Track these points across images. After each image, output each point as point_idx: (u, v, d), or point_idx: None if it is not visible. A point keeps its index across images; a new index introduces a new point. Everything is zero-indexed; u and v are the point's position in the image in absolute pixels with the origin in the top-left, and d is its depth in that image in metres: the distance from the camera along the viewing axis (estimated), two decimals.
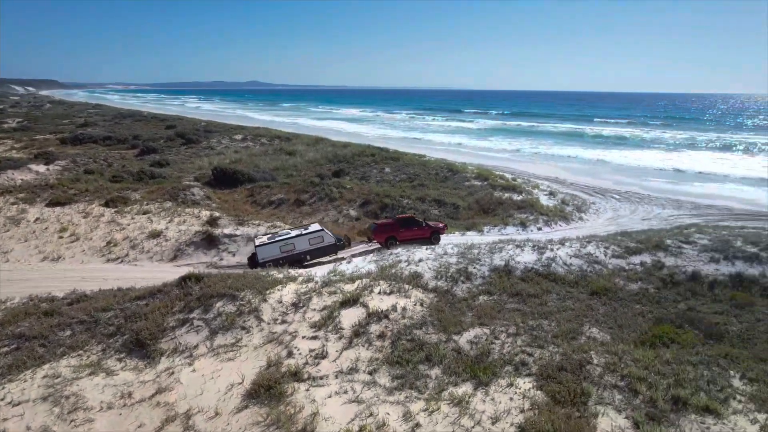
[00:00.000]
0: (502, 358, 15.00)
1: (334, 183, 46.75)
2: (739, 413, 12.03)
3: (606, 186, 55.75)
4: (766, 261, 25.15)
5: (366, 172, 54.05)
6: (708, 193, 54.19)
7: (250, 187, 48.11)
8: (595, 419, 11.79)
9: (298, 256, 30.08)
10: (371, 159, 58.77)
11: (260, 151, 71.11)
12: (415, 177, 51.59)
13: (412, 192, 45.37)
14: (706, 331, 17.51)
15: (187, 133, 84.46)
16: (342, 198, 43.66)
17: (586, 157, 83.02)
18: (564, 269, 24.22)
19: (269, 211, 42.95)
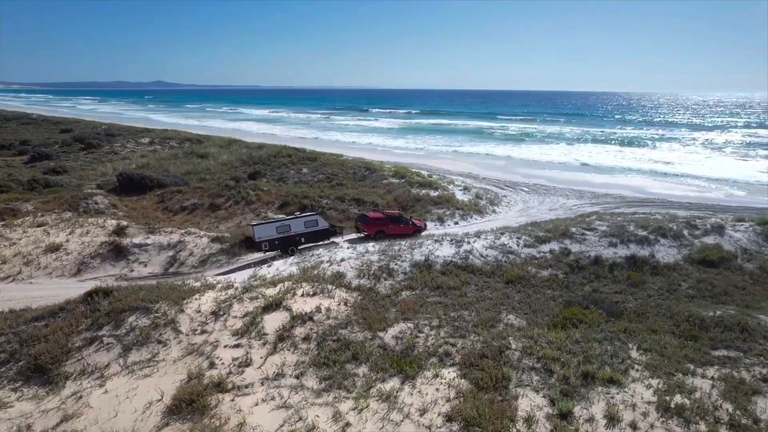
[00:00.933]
0: (427, 351, 15.39)
1: (250, 185, 45.46)
2: (637, 381, 13.22)
3: (516, 180, 58.82)
4: (654, 242, 27.84)
5: (283, 173, 53.12)
6: (604, 183, 58.92)
7: (161, 193, 45.55)
8: (515, 401, 12.44)
9: (293, 238, 31.29)
10: (288, 160, 57.84)
11: (170, 155, 67.52)
12: (333, 177, 51.47)
13: (331, 192, 45.25)
14: (608, 309, 19.03)
15: (86, 137, 78.23)
16: (260, 200, 42.57)
17: (495, 152, 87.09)
18: (481, 261, 25.28)
19: (182, 217, 40.94)
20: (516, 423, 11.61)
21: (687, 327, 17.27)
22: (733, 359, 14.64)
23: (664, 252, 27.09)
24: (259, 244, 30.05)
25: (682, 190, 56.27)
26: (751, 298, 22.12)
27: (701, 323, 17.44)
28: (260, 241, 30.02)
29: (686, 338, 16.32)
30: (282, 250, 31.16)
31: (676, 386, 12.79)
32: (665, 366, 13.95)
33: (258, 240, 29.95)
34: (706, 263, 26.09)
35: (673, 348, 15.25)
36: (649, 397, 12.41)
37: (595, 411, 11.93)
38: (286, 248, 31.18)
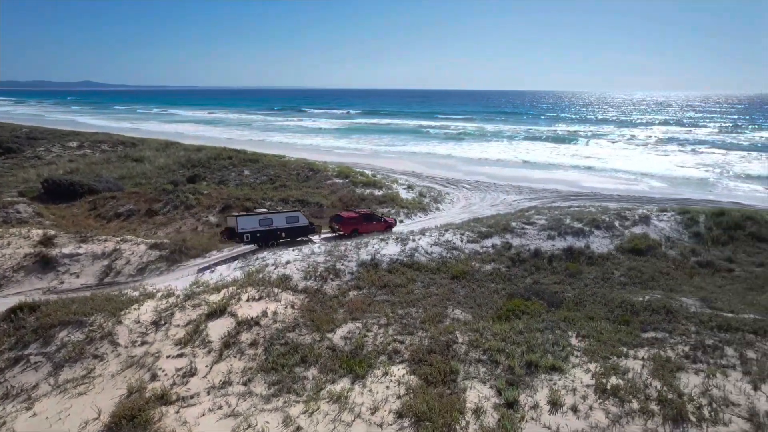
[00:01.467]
0: (376, 349, 15.48)
1: (189, 189, 43.91)
2: (577, 367, 13.89)
3: (457, 177, 60.09)
4: (589, 234, 29.30)
5: (224, 176, 51.69)
6: (542, 179, 61.31)
7: (92, 200, 43.12)
8: (464, 393, 12.75)
9: (275, 232, 31.78)
10: (229, 162, 56.31)
11: (102, 159, 64.03)
12: (276, 178, 50.64)
13: (275, 193, 44.52)
14: (548, 299, 19.86)
15: (3, 141, 72.71)
16: (200, 204, 41.23)
17: (437, 151, 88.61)
18: (426, 258, 25.68)
19: (117, 224, 38.97)
20: (465, 415, 11.90)
21: (620, 312, 18.31)
22: (660, 340, 15.66)
23: (598, 243, 28.55)
24: (241, 235, 30.32)
25: (612, 184, 59.50)
26: (674, 283, 23.74)
27: (632, 308, 18.54)
28: (242, 233, 30.35)
29: (619, 323, 17.30)
30: (263, 243, 31.38)
31: (611, 369, 13.54)
32: (601, 350, 14.73)
33: (240, 231, 30.25)
34: (635, 252, 27.75)
35: (608, 333, 16.13)
36: (588, 380, 13.07)
37: (539, 398, 12.43)
38: (266, 241, 31.49)
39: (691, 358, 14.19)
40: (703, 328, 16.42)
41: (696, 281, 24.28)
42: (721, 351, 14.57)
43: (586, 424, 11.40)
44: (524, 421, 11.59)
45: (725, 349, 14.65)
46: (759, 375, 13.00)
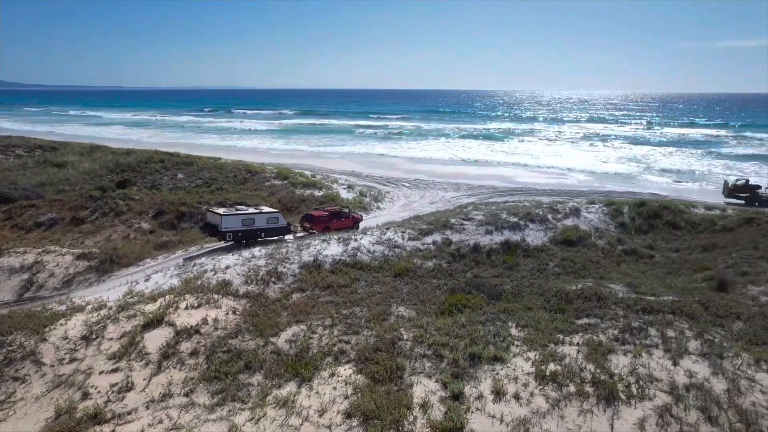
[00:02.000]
0: (322, 351, 15.38)
1: (119, 195, 41.67)
2: (517, 356, 14.42)
3: (397, 176, 60.74)
4: (524, 227, 30.48)
5: (156, 180, 49.46)
6: (478, 175, 63.16)
7: (7, 209, 39.95)
8: (411, 389, 12.91)
9: (255, 232, 32.48)
10: (161, 165, 53.90)
11: (16, 165, 59.44)
12: (212, 181, 49.08)
13: (211, 197, 43.16)
14: (488, 292, 20.46)
15: None
16: (131, 210, 39.24)
17: (377, 150, 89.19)
18: (369, 257, 25.78)
19: (38, 234, 36.34)
20: (413, 410, 12.06)
21: (555, 301, 19.16)
22: (592, 325, 16.55)
23: (533, 235, 29.76)
24: (224, 234, 31.03)
25: (544, 179, 62.26)
26: (604, 271, 25.18)
27: (566, 297, 19.46)
28: (225, 231, 31.05)
29: (555, 311, 18.11)
30: (243, 242, 31.64)
31: (549, 356, 14.15)
32: (540, 339, 15.36)
33: (224, 230, 30.97)
34: (568, 243, 29.18)
35: (546, 322, 16.84)
36: (528, 368, 13.59)
37: (483, 388, 12.80)
38: (247, 240, 31.87)
39: (620, 341, 15.09)
40: (630, 312, 17.50)
41: (622, 268, 25.85)
42: (646, 332, 15.59)
43: (528, 410, 11.87)
44: (470, 412, 11.89)
45: (649, 330, 15.70)
46: (677, 351, 14.03)
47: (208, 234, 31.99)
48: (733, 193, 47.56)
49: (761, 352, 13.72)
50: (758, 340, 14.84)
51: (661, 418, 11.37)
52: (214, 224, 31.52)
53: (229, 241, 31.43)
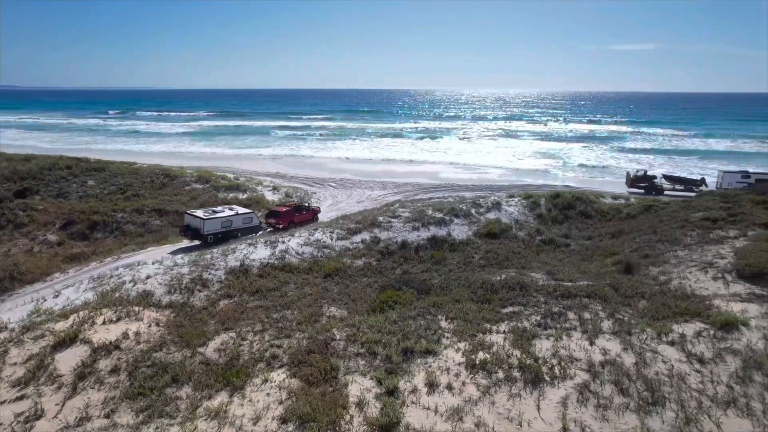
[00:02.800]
0: (253, 357, 14.99)
1: (19, 205, 38.17)
2: (448, 347, 14.84)
3: (323, 176, 60.33)
4: (450, 223, 31.38)
5: (63, 188, 45.80)
6: (404, 173, 64.13)
7: None
8: (346, 389, 12.91)
9: (234, 233, 33.68)
10: (68, 172, 49.94)
11: None
12: (127, 187, 46.22)
13: (127, 204, 40.64)
14: (418, 288, 20.89)
15: None
16: (34, 222, 36.08)
17: (301, 150, 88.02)
18: (297, 258, 25.45)
19: None
20: (349, 409, 12.07)
21: (482, 292, 19.92)
22: (517, 313, 17.38)
23: (458, 230, 30.70)
24: (205, 237, 32.03)
25: (466, 174, 64.38)
26: (525, 260, 26.49)
27: (492, 287, 20.28)
28: (207, 234, 32.11)
29: (482, 302, 18.83)
30: (222, 242, 31.77)
31: (478, 345, 14.70)
32: (469, 329, 15.91)
33: (206, 233, 32.04)
34: (491, 236, 30.39)
35: (473, 313, 17.47)
36: (459, 359, 14.04)
37: (417, 381, 13.06)
38: (226, 241, 32.07)
39: (543, 326, 15.97)
40: (550, 298, 18.57)
41: (542, 257, 27.32)
42: (565, 316, 16.62)
43: (461, 399, 12.27)
44: (405, 406, 12.10)
45: (568, 314, 16.74)
46: (593, 332, 15.09)
47: (190, 237, 32.61)
48: (634, 183, 51.70)
49: (662, 327, 15.04)
50: (659, 316, 16.26)
51: (581, 394, 12.17)
52: (196, 227, 32.40)
53: (208, 244, 31.89)
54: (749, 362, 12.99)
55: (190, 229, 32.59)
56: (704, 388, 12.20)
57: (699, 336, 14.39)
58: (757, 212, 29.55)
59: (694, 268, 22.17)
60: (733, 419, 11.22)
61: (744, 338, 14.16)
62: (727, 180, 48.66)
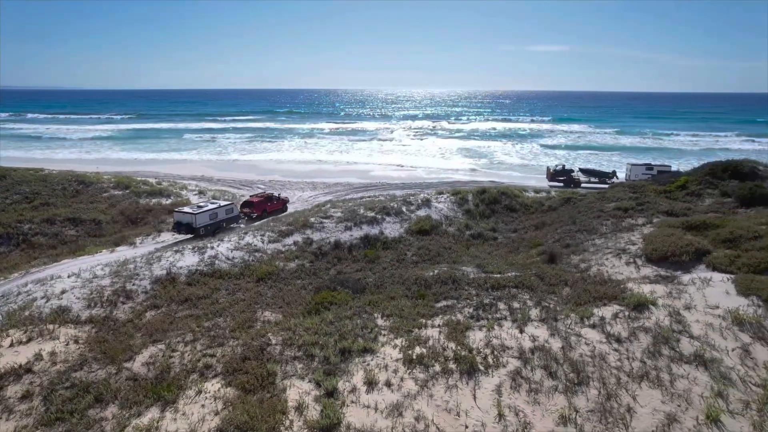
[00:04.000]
0: (185, 369, 14.39)
1: None
2: (386, 344, 14.99)
3: (251, 178, 58.84)
4: (382, 221, 31.65)
5: None
6: (334, 172, 63.87)
7: None
8: (284, 393, 12.70)
9: (219, 224, 36.09)
10: None
11: None
12: (35, 195, 42.62)
13: (35, 214, 37.49)
14: (353, 287, 20.92)
15: None
16: None
17: (227, 152, 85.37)
18: (228, 264, 24.69)
19: None
20: (288, 414, 11.88)
21: (416, 288, 20.28)
22: (450, 307, 17.86)
23: (390, 228, 31.04)
24: (197, 230, 34.05)
25: (396, 173, 65.18)
26: (456, 255, 27.26)
27: (425, 283, 20.71)
28: (199, 227, 34.25)
29: (417, 298, 19.18)
30: (211, 234, 34.47)
31: (415, 340, 14.95)
32: (405, 325, 16.14)
33: (198, 226, 34.16)
34: (422, 232, 30.99)
35: (408, 309, 17.75)
36: (396, 355, 14.21)
37: (356, 381, 13.09)
38: (214, 232, 34.96)
39: (475, 317, 16.52)
40: (481, 290, 19.23)
41: (472, 251, 28.24)
42: (496, 307, 17.28)
43: (400, 395, 12.43)
44: (345, 406, 12.09)
45: (498, 305, 17.42)
46: (522, 320, 15.81)
47: (184, 233, 34.51)
48: (554, 177, 54.65)
49: (584, 311, 16.03)
50: (581, 301, 17.30)
51: (513, 381, 12.72)
52: (188, 223, 34.40)
53: (200, 236, 33.66)
54: (658, 338, 14.13)
55: (182, 225, 34.51)
56: (622, 365, 13.14)
57: (616, 317, 15.46)
58: (660, 201, 32.20)
59: (610, 255, 23.79)
60: (646, 391, 12.17)
61: (653, 317, 15.38)
62: (634, 172, 52.66)
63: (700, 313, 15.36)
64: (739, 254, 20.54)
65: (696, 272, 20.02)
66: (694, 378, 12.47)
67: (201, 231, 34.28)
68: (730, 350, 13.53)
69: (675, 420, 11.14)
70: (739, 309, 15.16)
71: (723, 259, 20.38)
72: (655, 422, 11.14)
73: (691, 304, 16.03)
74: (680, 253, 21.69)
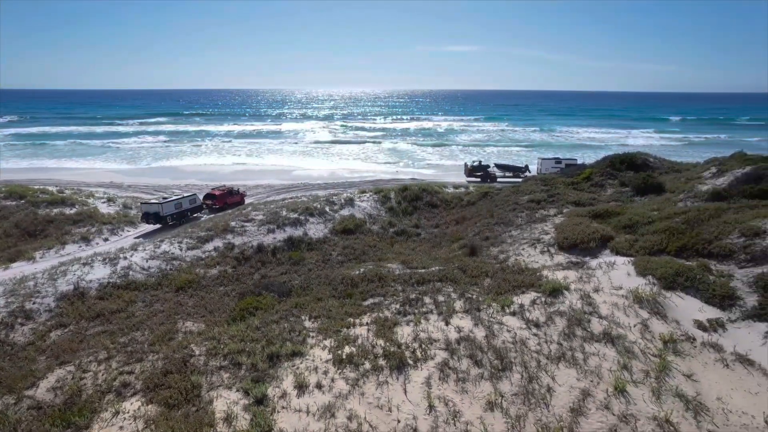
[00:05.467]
0: (100, 390, 13.41)
1: None
2: (314, 346, 14.83)
3: (165, 183, 56.00)
4: (305, 222, 31.30)
5: None
6: (254, 173, 62.23)
7: None
8: (211, 405, 12.18)
9: (185, 212, 39.69)
10: None
11: None
12: None
13: None
14: (278, 291, 20.51)
15: None
16: None
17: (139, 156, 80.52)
18: (144, 274, 23.32)
19: None
20: (216, 426, 11.43)
21: (343, 288, 20.25)
22: (377, 304, 18.00)
23: (314, 229, 30.75)
24: (165, 218, 37.27)
25: (318, 173, 64.70)
26: (381, 253, 27.54)
27: (352, 282, 20.73)
28: (166, 216, 37.45)
29: (344, 297, 19.15)
30: (177, 222, 38.30)
31: (344, 340, 14.92)
32: (333, 326, 16.05)
33: (164, 215, 37.34)
34: (346, 232, 31.00)
35: (336, 309, 17.67)
36: (326, 356, 14.10)
37: (286, 385, 12.83)
38: (180, 220, 38.73)
39: (402, 313, 16.77)
40: (407, 286, 19.57)
41: (396, 248, 28.64)
42: (422, 301, 17.65)
43: (332, 396, 12.35)
44: (276, 412, 11.82)
45: (424, 299, 17.80)
46: (448, 313, 16.27)
47: (153, 222, 37.52)
48: (472, 172, 56.78)
49: (504, 300, 16.79)
50: (501, 290, 18.09)
51: (442, 372, 13.05)
52: (155, 212, 37.37)
53: (168, 225, 37.20)
54: (572, 320, 15.12)
55: (150, 215, 37.50)
56: (541, 349, 13.90)
57: (534, 304, 16.34)
58: (568, 192, 34.44)
59: (526, 245, 25.10)
60: (563, 370, 12.97)
61: (567, 301, 16.43)
62: (545, 166, 55.96)
63: (606, 295, 16.61)
64: (637, 239, 22.43)
65: (602, 257, 21.63)
66: (604, 354, 13.46)
67: (168, 220, 37.44)
68: (632, 326, 14.75)
69: (588, 395, 11.96)
70: (638, 288, 16.59)
71: (624, 244, 22.16)
72: (572, 399, 11.89)
73: (599, 286, 17.30)
74: (588, 240, 23.32)
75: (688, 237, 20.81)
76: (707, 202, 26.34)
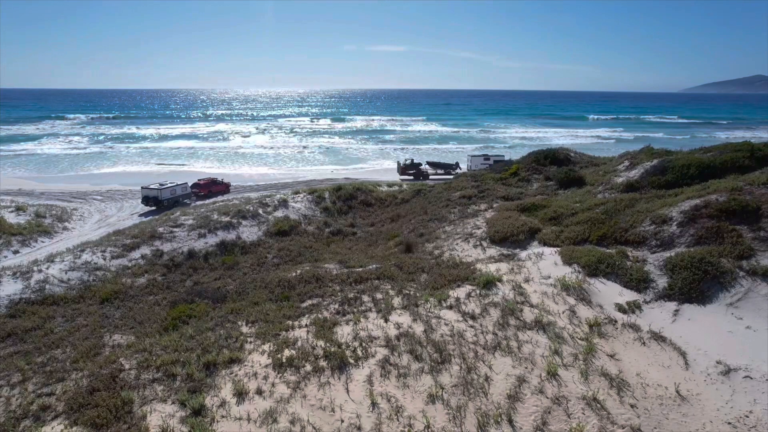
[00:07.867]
0: (14, 416, 12.38)
1: None
2: (253, 352, 14.49)
3: (84, 189, 52.50)
4: (238, 225, 30.49)
5: None
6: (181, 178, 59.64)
7: None
8: (144, 421, 11.59)
9: (178, 198, 44.94)
10: None
11: None
12: None
13: None
14: (212, 297, 19.85)
15: None
16: None
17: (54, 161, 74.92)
18: (63, 287, 21.78)
19: None
20: None
21: (279, 291, 19.90)
22: (316, 305, 17.86)
23: (247, 232, 30.00)
24: (162, 202, 42.60)
25: (248, 175, 63.12)
26: (317, 253, 27.34)
27: (289, 284, 20.42)
28: (163, 200, 42.79)
29: (281, 300, 18.83)
30: (171, 206, 42.56)
31: (283, 343, 14.68)
32: (271, 330, 15.74)
33: (162, 199, 42.75)
34: (281, 233, 30.50)
35: (274, 312, 17.34)
36: (265, 361, 13.82)
37: (225, 394, 12.45)
38: (174, 204, 43.16)
39: (341, 313, 16.74)
40: (345, 286, 19.54)
41: (332, 248, 28.53)
42: (360, 300, 17.71)
43: (273, 401, 12.13)
44: (215, 422, 11.44)
45: (362, 298, 17.87)
46: (386, 310, 16.45)
47: (152, 205, 42.95)
48: (405, 171, 57.57)
49: (441, 294, 17.20)
50: (438, 285, 18.54)
51: (383, 369, 13.18)
52: (155, 196, 42.93)
53: (164, 208, 41.24)
54: (505, 311, 15.76)
55: (149, 198, 43.09)
56: (478, 340, 14.38)
57: (469, 297, 16.86)
58: (497, 187, 35.78)
59: (459, 240, 25.82)
60: (500, 359, 13.50)
61: (500, 292, 17.09)
62: (474, 162, 57.75)
63: (536, 284, 17.45)
64: (562, 230, 23.71)
65: (531, 248, 22.67)
66: (536, 341, 14.14)
67: (165, 203, 42.81)
68: (561, 313, 15.60)
69: (524, 381, 12.52)
70: (565, 276, 17.56)
71: (550, 235, 23.35)
72: (508, 386, 12.40)
73: (530, 277, 18.14)
74: (517, 233, 24.35)
75: (607, 226, 22.26)
76: (622, 193, 28.31)
